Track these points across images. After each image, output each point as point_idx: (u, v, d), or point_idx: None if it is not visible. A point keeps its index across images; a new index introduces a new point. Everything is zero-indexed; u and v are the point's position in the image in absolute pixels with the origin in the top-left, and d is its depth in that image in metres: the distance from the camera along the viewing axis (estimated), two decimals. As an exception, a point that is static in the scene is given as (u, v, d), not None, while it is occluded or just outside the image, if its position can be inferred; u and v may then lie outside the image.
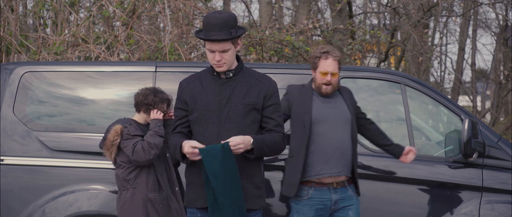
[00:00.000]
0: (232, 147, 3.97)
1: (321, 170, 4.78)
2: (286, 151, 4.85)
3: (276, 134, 4.16)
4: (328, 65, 4.90)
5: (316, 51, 5.00)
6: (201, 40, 9.53)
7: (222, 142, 4.01)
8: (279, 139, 4.16)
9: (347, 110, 4.95)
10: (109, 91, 5.49)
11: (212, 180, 4.00)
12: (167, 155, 4.93)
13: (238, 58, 4.24)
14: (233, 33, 4.07)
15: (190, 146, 4.04)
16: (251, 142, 4.03)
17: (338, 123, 4.88)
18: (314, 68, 4.96)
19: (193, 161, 4.11)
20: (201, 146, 4.04)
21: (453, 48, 35.32)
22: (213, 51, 4.10)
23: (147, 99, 4.89)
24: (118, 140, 4.78)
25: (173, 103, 4.66)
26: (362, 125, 5.13)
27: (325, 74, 4.89)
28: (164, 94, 4.94)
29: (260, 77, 4.23)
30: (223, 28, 4.06)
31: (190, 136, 4.21)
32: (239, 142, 3.98)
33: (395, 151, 5.06)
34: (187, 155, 4.06)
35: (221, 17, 4.08)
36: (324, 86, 4.90)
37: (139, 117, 4.95)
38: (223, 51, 4.09)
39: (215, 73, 4.19)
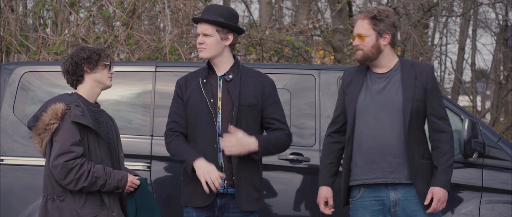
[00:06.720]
0: (224, 149, 3.99)
1: (355, 174, 4.10)
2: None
3: (281, 132, 4.16)
4: (356, 27, 4.06)
5: None
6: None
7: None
8: (284, 136, 4.16)
9: (400, 93, 3.93)
10: (109, 91, 5.44)
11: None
12: (121, 154, 3.98)
13: (233, 56, 4.22)
14: (219, 20, 4.07)
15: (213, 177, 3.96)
16: (257, 144, 4.02)
17: (382, 112, 3.97)
18: None
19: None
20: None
21: (453, 48, 35.31)
22: (199, 34, 4.13)
23: (85, 52, 3.82)
24: (56, 125, 3.69)
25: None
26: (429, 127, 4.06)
27: (353, 37, 4.07)
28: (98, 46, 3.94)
29: (258, 75, 4.22)
30: (213, 13, 4.08)
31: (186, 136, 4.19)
32: (230, 144, 3.98)
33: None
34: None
35: (220, 5, 4.14)
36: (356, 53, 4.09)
37: (84, 90, 3.89)
38: (205, 35, 4.09)
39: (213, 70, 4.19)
